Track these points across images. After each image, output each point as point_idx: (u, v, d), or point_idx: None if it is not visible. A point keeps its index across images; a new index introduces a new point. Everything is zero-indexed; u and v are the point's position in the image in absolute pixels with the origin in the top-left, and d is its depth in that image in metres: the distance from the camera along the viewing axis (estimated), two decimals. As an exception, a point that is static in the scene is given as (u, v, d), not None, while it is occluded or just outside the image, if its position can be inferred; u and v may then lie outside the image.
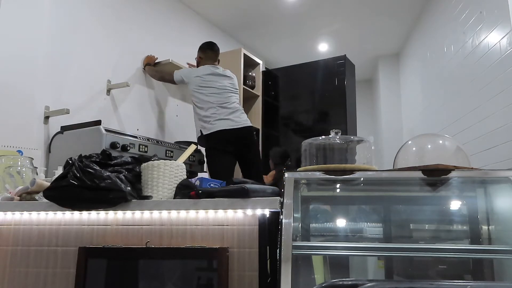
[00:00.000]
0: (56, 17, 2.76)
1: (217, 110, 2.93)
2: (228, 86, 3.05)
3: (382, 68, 5.62)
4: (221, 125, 2.89)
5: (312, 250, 1.42)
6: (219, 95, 2.98)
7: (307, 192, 1.60)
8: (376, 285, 1.16)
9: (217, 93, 2.98)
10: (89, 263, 1.53)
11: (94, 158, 1.56)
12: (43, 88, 2.63)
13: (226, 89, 3.03)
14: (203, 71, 3.05)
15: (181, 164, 1.61)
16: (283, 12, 4.32)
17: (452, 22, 3.40)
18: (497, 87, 2.57)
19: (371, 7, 4.18)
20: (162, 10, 3.78)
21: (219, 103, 2.96)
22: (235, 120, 2.95)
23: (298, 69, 4.54)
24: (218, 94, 2.98)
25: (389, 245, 1.55)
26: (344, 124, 4.04)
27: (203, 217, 1.50)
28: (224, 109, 2.95)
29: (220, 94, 2.99)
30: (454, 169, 1.34)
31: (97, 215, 1.60)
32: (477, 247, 1.44)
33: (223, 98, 2.98)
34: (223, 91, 3.01)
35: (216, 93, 2.98)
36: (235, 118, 2.96)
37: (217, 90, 2.99)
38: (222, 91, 3.00)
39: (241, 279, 1.41)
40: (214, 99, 2.96)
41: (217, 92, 2.99)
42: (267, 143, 4.18)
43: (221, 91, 3.00)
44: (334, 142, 1.52)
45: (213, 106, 2.94)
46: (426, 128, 4.19)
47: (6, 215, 1.70)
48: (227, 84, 3.05)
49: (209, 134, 2.89)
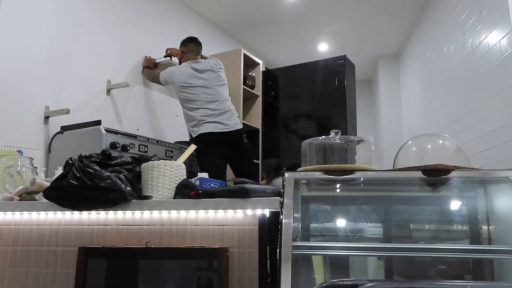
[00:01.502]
0: (56, 17, 2.76)
1: (205, 112, 2.84)
2: (213, 82, 2.92)
3: (382, 68, 5.62)
4: (209, 127, 2.81)
5: (312, 250, 1.42)
6: (206, 94, 2.88)
7: (307, 192, 1.60)
8: (376, 285, 1.16)
9: (203, 92, 2.87)
10: (89, 263, 1.53)
11: (94, 158, 1.56)
12: (43, 88, 2.63)
13: (210, 87, 2.90)
14: (184, 71, 2.95)
15: (181, 164, 1.61)
16: (283, 12, 4.32)
17: (452, 22, 3.40)
18: (497, 87, 2.57)
19: (371, 7, 4.18)
20: (162, 10, 3.78)
21: (206, 104, 2.85)
22: (224, 124, 2.85)
23: (298, 69, 4.53)
24: (204, 93, 2.88)
25: (389, 245, 1.55)
26: (344, 124, 4.03)
27: (203, 217, 1.50)
28: (212, 110, 2.85)
29: (206, 93, 2.88)
30: (454, 169, 1.34)
31: (97, 215, 1.60)
32: (477, 247, 1.44)
33: (209, 96, 2.87)
34: (208, 89, 2.89)
35: (201, 92, 2.87)
36: (224, 121, 2.86)
37: (202, 89, 2.88)
38: (207, 89, 2.89)
39: (241, 279, 1.41)
40: (199, 100, 2.86)
41: (203, 91, 2.88)
42: (267, 143, 4.17)
43: (206, 90, 2.88)
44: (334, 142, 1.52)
45: (200, 107, 2.85)
46: (426, 128, 4.19)
47: (6, 215, 1.70)
48: (210, 79, 2.92)
49: (197, 136, 2.82)
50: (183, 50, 3.18)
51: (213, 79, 2.96)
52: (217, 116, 2.86)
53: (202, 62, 3.04)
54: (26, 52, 2.54)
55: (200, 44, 3.20)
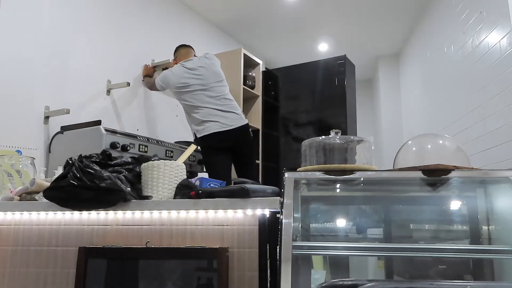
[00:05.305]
0: (56, 17, 2.76)
1: (206, 111, 2.80)
2: (209, 80, 2.86)
3: (382, 68, 5.62)
4: (214, 127, 2.77)
5: (312, 250, 1.42)
6: (204, 92, 2.83)
7: (307, 192, 1.60)
8: (376, 285, 1.16)
9: (200, 91, 2.83)
10: (89, 263, 1.53)
11: (94, 158, 1.56)
12: (43, 88, 2.63)
13: (207, 85, 2.85)
14: (176, 72, 2.90)
15: (181, 164, 1.60)
16: (283, 12, 4.32)
17: (452, 22, 3.40)
18: (497, 87, 2.57)
19: (371, 7, 4.18)
20: (162, 10, 3.78)
21: (206, 103, 2.81)
22: (228, 122, 2.81)
23: (298, 69, 4.54)
24: (202, 92, 2.84)
25: (389, 245, 1.54)
26: (344, 124, 4.04)
27: (203, 217, 1.50)
28: (213, 109, 2.81)
29: (204, 91, 2.84)
30: (454, 169, 1.33)
31: (97, 215, 1.60)
32: (477, 247, 1.44)
33: (208, 94, 2.83)
34: (205, 87, 2.85)
35: (199, 91, 2.84)
36: (228, 119, 2.82)
37: (198, 87, 2.84)
38: (205, 87, 2.85)
39: (241, 279, 1.41)
40: (198, 99, 2.83)
41: (200, 90, 2.84)
42: (267, 143, 4.17)
43: (204, 88, 2.84)
44: (334, 142, 1.52)
45: (201, 106, 2.81)
46: (426, 128, 4.19)
47: (6, 215, 1.70)
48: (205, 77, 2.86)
49: (202, 137, 2.80)
50: (175, 57, 3.16)
51: (209, 76, 2.90)
52: (220, 114, 2.81)
53: (193, 60, 2.99)
54: (26, 52, 2.54)
55: (190, 47, 3.17)
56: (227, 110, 2.85)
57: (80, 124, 2.57)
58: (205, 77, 2.89)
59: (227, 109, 2.86)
